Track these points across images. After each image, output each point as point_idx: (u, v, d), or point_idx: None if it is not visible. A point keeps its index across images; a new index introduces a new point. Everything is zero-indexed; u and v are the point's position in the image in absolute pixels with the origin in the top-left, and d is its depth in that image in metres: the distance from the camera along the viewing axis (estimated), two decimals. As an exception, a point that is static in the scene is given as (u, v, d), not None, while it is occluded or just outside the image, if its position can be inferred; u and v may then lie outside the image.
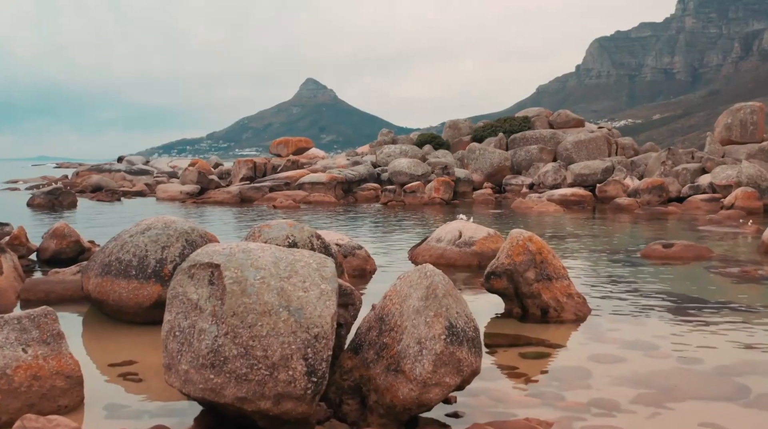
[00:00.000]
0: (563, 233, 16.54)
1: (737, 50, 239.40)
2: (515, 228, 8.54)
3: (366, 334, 4.79)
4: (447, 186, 25.93)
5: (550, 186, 30.34)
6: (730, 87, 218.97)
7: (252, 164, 30.40)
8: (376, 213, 22.39)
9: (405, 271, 4.84)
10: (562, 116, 38.36)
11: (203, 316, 4.11)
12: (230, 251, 4.30)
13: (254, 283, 4.06)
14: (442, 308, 4.25)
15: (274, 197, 25.98)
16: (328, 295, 4.09)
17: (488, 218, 20.39)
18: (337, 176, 27.69)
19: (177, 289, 4.33)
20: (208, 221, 19.93)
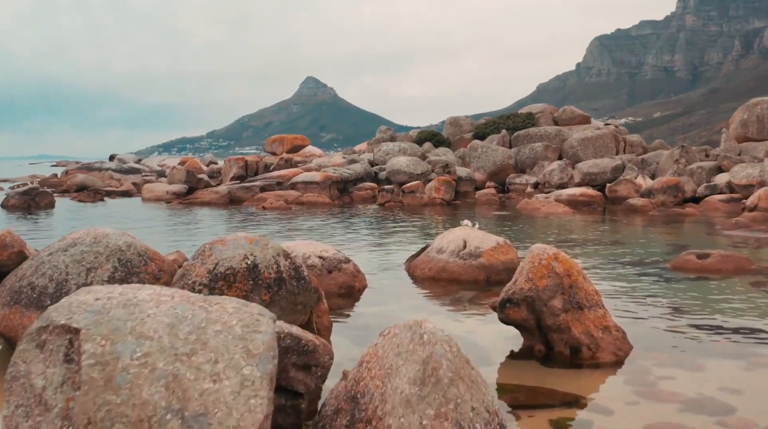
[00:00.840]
0: (576, 239, 14.87)
1: (738, 48, 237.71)
2: (523, 233, 6.90)
3: (332, 421, 3.14)
4: (448, 186, 24.26)
5: (556, 185, 28.67)
6: (731, 85, 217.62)
7: (243, 163, 28.73)
8: (373, 215, 20.74)
9: (389, 328, 3.19)
10: (567, 113, 36.66)
11: (49, 419, 2.45)
12: (102, 306, 2.64)
13: (129, 365, 2.40)
14: (449, 403, 2.62)
15: (264, 198, 24.31)
16: (255, 386, 2.43)
17: (493, 221, 18.72)
18: (332, 175, 26.03)
19: (18, 366, 2.67)
20: (186, 224, 18.27)
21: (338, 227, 17.40)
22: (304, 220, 19.02)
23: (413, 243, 14.10)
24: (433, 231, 16.62)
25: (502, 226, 17.38)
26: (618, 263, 11.57)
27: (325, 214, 20.92)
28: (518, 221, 18.87)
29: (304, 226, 17.72)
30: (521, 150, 32.94)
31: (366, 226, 17.67)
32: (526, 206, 22.09)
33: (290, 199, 24.26)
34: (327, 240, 14.22)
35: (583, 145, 32.91)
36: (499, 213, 21.16)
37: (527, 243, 13.91)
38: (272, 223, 18.48)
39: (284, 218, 19.69)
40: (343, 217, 20.15)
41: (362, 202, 25.82)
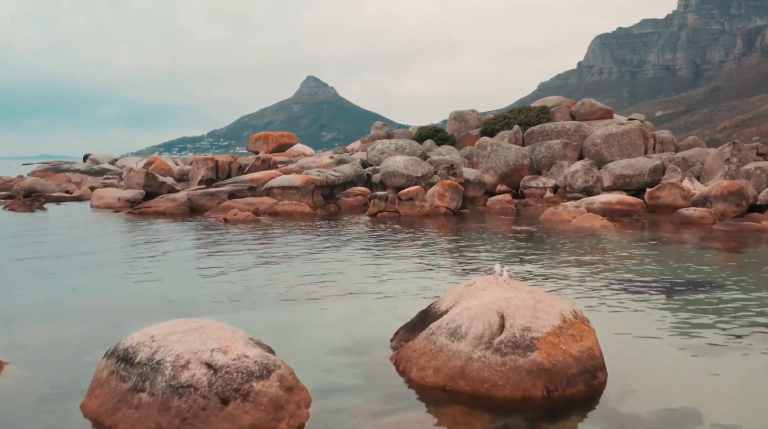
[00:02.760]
0: (642, 275, 10.17)
1: (739, 46, 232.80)
2: (559, 263, 2.91)
3: None
4: (454, 191, 19.56)
5: (580, 189, 23.97)
6: (733, 83, 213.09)
7: (213, 164, 24.03)
8: (360, 230, 16.06)
9: None
10: (586, 106, 31.92)
11: None
12: None
13: None
14: None
15: (230, 206, 19.64)
16: None
17: (513, 242, 14.02)
18: (315, 179, 21.34)
19: None
20: (99, 252, 13.55)
21: (306, 254, 12.71)
22: (267, 241, 14.35)
23: (410, 287, 9.41)
24: (440, 260, 11.92)
25: (526, 251, 12.69)
26: (741, 324, 6.82)
27: (301, 229, 16.24)
28: (546, 241, 14.17)
29: (258, 252, 13.03)
30: (536, 148, 28.24)
31: (346, 252, 12.97)
32: (552, 218, 17.43)
33: (262, 207, 19.58)
34: (276, 281, 9.60)
35: (607, 143, 28.21)
36: (518, 228, 16.44)
37: (573, 286, 9.21)
38: (222, 245, 13.80)
39: (243, 236, 15.02)
40: (320, 234, 15.47)
41: (351, 210, 21.15)
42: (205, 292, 9.00)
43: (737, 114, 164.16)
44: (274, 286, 9.40)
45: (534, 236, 14.82)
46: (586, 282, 9.60)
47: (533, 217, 18.53)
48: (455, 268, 10.83)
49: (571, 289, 9.06)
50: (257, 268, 10.90)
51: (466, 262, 11.50)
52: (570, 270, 10.57)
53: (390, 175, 22.33)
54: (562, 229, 15.81)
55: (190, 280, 9.98)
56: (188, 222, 17.72)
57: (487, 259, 11.69)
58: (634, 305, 8.12)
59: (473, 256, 12.09)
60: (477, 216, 19.32)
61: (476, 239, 14.48)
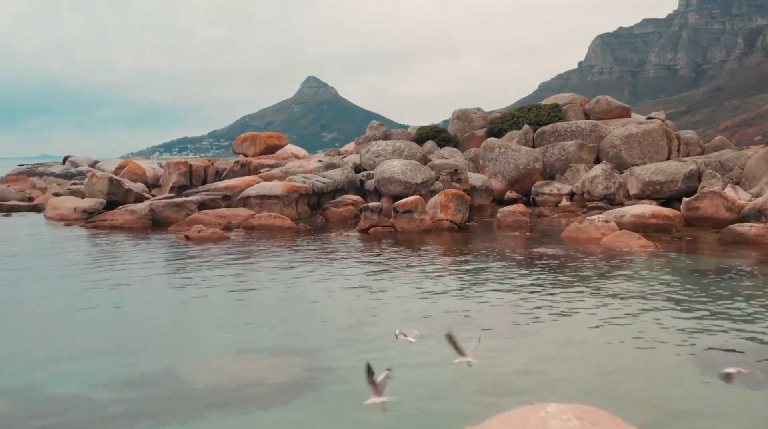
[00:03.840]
0: (731, 331, 7.20)
1: (740, 46, 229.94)
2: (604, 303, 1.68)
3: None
4: (459, 202, 16.55)
5: (601, 196, 20.99)
6: (734, 83, 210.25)
7: (186, 168, 21.06)
8: (346, 253, 13.05)
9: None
10: (601, 103, 28.90)
11: None
12: None
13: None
14: None
15: (199, 219, 16.68)
16: None
17: (537, 272, 10.99)
18: (299, 186, 18.35)
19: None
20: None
21: (269, 284, 9.73)
22: (224, 270, 11.36)
23: (404, 356, 6.41)
24: (443, 302, 8.90)
25: (555, 287, 9.70)
26: None
27: (275, 251, 13.24)
28: (577, 270, 11.17)
29: (212, 287, 10.06)
30: (548, 150, 25.24)
31: (320, 289, 9.98)
32: (577, 235, 14.44)
33: (236, 221, 16.61)
34: (209, 353, 6.66)
35: (627, 144, 25.20)
36: (539, 250, 13.41)
37: (625, 347, 6.22)
38: (167, 274, 10.82)
39: (200, 262, 12.04)
40: (295, 260, 12.47)
41: (340, 223, 18.17)
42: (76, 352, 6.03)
43: (739, 114, 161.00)
44: (202, 365, 6.42)
45: (560, 261, 11.82)
46: (643, 340, 6.61)
47: (554, 234, 15.53)
48: (468, 323, 7.85)
49: (623, 350, 6.08)
50: (200, 317, 7.94)
51: (481, 306, 8.52)
52: (618, 318, 7.58)
53: (385, 181, 19.33)
54: (592, 251, 12.81)
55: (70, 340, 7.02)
56: (144, 240, 14.75)
57: (510, 300, 8.71)
58: (724, 395, 5.14)
59: (489, 295, 9.11)
60: (486, 231, 16.31)
61: (489, 266, 11.50)
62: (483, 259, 12.19)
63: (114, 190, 20.37)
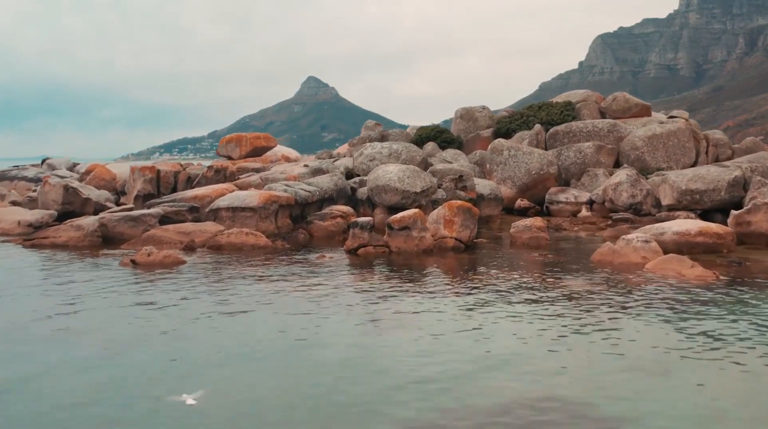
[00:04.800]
0: None
1: (741, 46, 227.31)
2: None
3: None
4: (466, 216, 13.68)
5: (626, 206, 18.19)
6: (735, 83, 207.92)
7: (153, 174, 18.26)
8: (326, 285, 10.21)
9: None
10: (619, 101, 26.09)
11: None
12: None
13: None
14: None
15: (156, 237, 13.87)
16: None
17: (576, 320, 8.16)
18: (279, 196, 15.52)
19: None
20: None
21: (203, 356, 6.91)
22: (169, 314, 8.53)
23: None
24: (460, 366, 6.08)
25: (590, 352, 6.88)
26: None
27: (234, 284, 10.40)
28: (626, 315, 8.33)
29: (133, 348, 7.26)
30: (563, 153, 22.44)
31: (281, 350, 7.17)
32: (612, 259, 11.61)
33: (200, 239, 13.81)
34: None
35: (650, 146, 22.40)
36: (567, 281, 10.56)
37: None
38: (73, 320, 8.00)
39: (138, 298, 9.22)
40: (262, 295, 9.62)
41: (327, 239, 15.37)
42: None
43: (740, 113, 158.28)
44: None
45: (601, 300, 8.99)
46: None
47: (582, 255, 12.69)
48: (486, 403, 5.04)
49: None
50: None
51: (505, 380, 5.70)
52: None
53: (380, 190, 16.52)
54: (637, 284, 9.98)
55: None
56: (83, 264, 11.93)
57: (545, 374, 5.90)
58: None
59: (514, 370, 6.30)
60: (498, 252, 13.46)
61: (507, 309, 8.68)
62: (498, 296, 9.38)
63: (70, 199, 17.58)
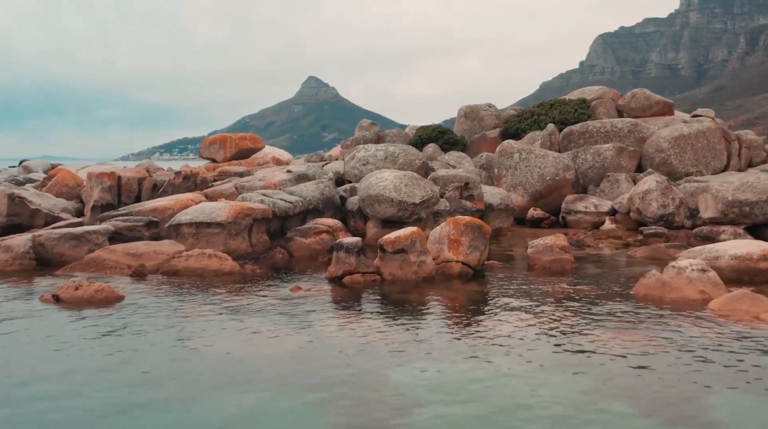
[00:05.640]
0: None
1: (743, 45, 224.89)
2: None
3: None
4: (475, 235, 11.10)
5: (656, 217, 15.67)
6: (736, 82, 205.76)
7: (113, 181, 15.74)
8: (299, 331, 7.63)
9: None
10: (638, 99, 23.58)
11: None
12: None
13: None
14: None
15: (100, 260, 11.35)
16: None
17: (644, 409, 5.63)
18: (254, 207, 12.99)
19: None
20: None
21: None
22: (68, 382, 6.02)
23: None
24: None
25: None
26: None
27: (180, 330, 7.85)
28: (707, 401, 5.81)
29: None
30: (579, 155, 19.92)
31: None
32: (662, 294, 9.08)
33: (152, 263, 11.27)
34: None
35: (677, 148, 19.89)
36: (612, 339, 8.02)
37: None
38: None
39: (42, 356, 6.70)
40: (210, 351, 7.09)
41: (310, 260, 12.84)
42: None
43: (742, 113, 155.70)
44: None
45: (667, 366, 6.47)
46: None
47: (618, 285, 10.16)
48: None
49: None
50: None
51: None
52: None
53: (372, 200, 13.99)
54: (705, 334, 7.44)
55: None
56: (17, 295, 9.41)
57: None
58: None
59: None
60: (515, 280, 10.90)
61: (536, 377, 6.15)
62: (518, 354, 6.84)
63: (16, 210, 15.09)
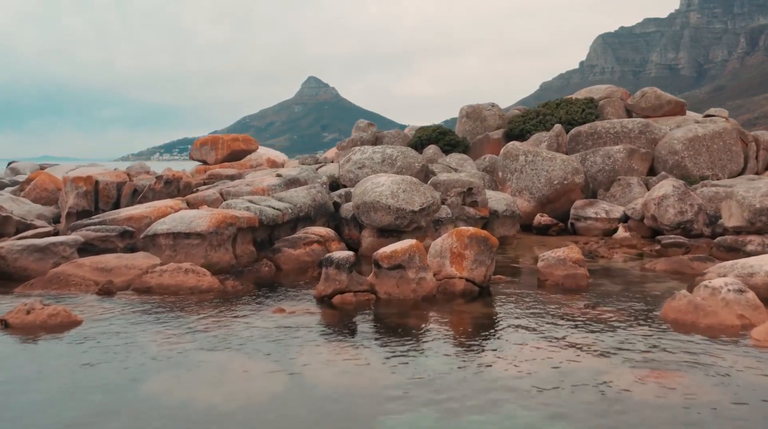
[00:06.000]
0: None
1: (743, 45, 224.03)
2: None
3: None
4: (481, 247, 9.92)
5: (673, 225, 14.54)
6: (736, 82, 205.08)
7: (90, 186, 14.59)
8: (272, 370, 6.52)
9: None
10: (649, 97, 22.44)
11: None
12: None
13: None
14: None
15: (66, 274, 10.20)
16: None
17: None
18: (239, 216, 11.84)
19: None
20: None
21: None
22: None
23: None
24: None
25: None
26: None
27: (139, 365, 6.70)
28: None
29: None
30: (588, 158, 18.78)
31: None
32: (696, 318, 7.92)
33: (123, 278, 10.13)
34: None
35: (692, 150, 18.76)
36: (644, 378, 6.87)
37: None
38: None
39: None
40: (173, 393, 5.94)
41: (299, 273, 11.70)
42: None
43: (743, 113, 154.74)
44: None
45: (713, 415, 5.34)
46: None
47: (641, 304, 9.01)
48: None
49: None
50: None
51: None
52: None
53: (368, 207, 12.85)
54: (746, 369, 6.30)
55: None
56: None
57: None
58: None
59: None
60: (525, 298, 9.74)
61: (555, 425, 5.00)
62: (538, 401, 5.69)
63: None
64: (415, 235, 13.03)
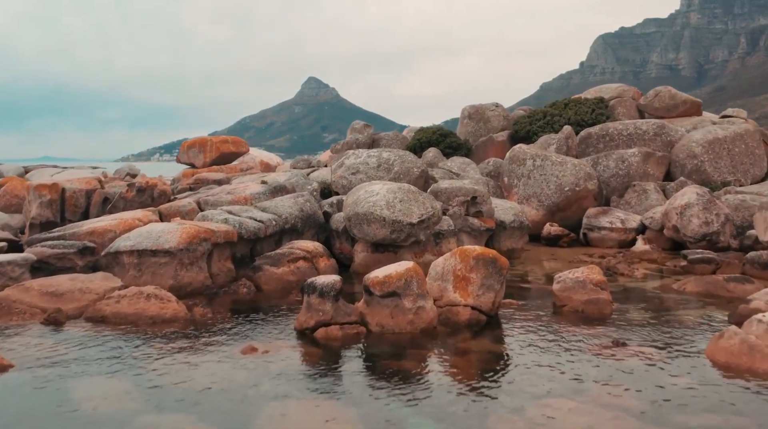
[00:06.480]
0: None
1: (743, 46, 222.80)
2: None
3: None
4: (490, 269, 8.50)
5: (698, 237, 13.12)
6: (737, 83, 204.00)
7: (56, 195, 13.17)
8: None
9: None
10: (663, 97, 21.05)
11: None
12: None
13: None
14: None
15: (10, 300, 8.79)
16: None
17: None
18: (215, 230, 10.41)
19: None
20: None
21: None
22: None
23: None
24: None
25: None
26: None
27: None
28: None
29: None
30: (600, 162, 17.35)
31: None
32: (751, 363, 6.50)
33: (75, 305, 8.72)
34: None
35: (712, 153, 17.33)
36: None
37: None
38: None
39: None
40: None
41: (282, 295, 10.28)
42: None
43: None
44: None
45: None
46: None
47: (678, 340, 7.60)
48: None
49: None
50: None
51: None
52: None
53: (361, 219, 11.42)
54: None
55: None
56: None
57: None
58: None
59: None
60: (540, 330, 8.31)
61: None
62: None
63: (-62, 229, 12.49)
64: (413, 250, 11.63)
